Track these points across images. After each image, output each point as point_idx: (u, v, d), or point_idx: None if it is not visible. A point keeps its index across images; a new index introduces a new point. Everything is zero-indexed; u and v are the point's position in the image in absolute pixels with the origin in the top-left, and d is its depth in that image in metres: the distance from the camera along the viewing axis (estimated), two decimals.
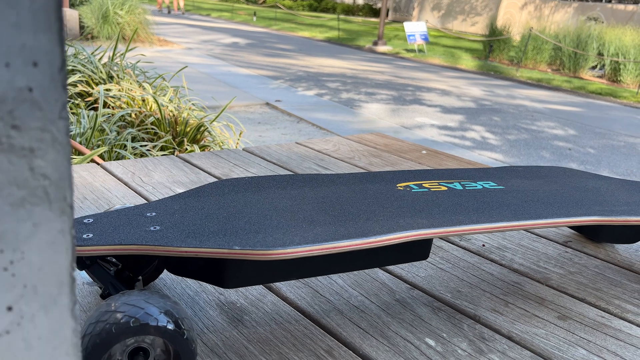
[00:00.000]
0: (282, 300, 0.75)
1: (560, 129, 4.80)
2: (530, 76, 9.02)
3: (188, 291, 0.74)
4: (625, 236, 0.87)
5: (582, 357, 0.68)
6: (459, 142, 3.91)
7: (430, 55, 10.90)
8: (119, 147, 1.57)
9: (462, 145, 3.79)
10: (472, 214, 0.69)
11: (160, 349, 0.52)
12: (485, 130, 4.39)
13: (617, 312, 0.80)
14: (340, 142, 1.67)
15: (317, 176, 0.80)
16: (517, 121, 4.95)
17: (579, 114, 5.81)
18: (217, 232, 0.58)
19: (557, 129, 4.75)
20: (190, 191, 0.71)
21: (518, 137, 4.25)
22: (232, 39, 10.20)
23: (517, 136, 4.29)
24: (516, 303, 0.80)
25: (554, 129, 4.77)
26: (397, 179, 0.82)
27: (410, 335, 0.69)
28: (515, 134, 4.38)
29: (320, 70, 7.17)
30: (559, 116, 5.49)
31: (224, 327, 0.67)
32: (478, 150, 3.71)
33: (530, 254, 0.97)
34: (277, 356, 0.63)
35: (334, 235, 0.59)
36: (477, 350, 0.67)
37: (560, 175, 0.94)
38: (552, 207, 0.75)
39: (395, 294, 0.79)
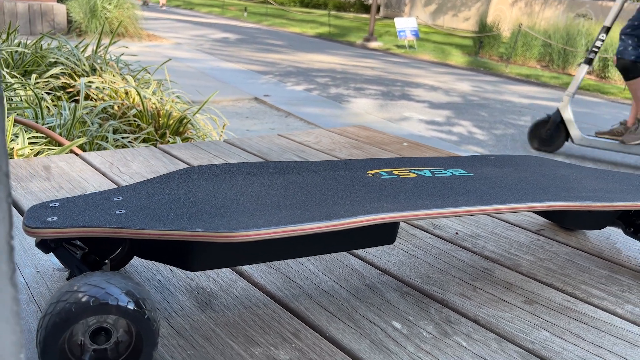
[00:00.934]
0: (252, 285, 0.75)
1: None
2: (519, 72, 9.07)
3: (159, 277, 0.75)
4: (591, 222, 0.88)
5: (545, 338, 0.69)
6: (445, 136, 3.93)
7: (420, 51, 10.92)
8: (100, 139, 1.56)
9: (448, 140, 3.81)
10: (438, 199, 0.70)
11: (123, 329, 0.53)
12: (472, 125, 4.42)
13: (583, 296, 0.81)
14: (322, 134, 1.68)
15: (288, 163, 0.81)
16: (504, 116, 4.98)
17: None
18: (182, 215, 0.59)
19: None
20: (159, 177, 0.71)
21: (505, 132, 4.28)
22: (222, 34, 10.16)
23: (504, 131, 4.32)
24: (484, 288, 0.81)
25: None
26: (367, 166, 0.83)
27: (377, 319, 0.70)
28: (502, 128, 4.41)
29: (310, 65, 7.17)
30: (546, 111, 5.53)
31: (192, 311, 0.68)
32: (464, 144, 3.73)
33: (502, 241, 0.98)
34: (244, 338, 0.63)
35: (298, 218, 0.60)
36: (442, 333, 0.68)
37: (531, 164, 0.95)
38: (518, 193, 0.76)
39: (366, 279, 0.80)
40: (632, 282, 0.86)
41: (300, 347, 0.63)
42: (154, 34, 8.58)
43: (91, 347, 0.52)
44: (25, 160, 1.16)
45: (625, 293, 0.83)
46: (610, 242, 1.02)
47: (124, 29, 7.52)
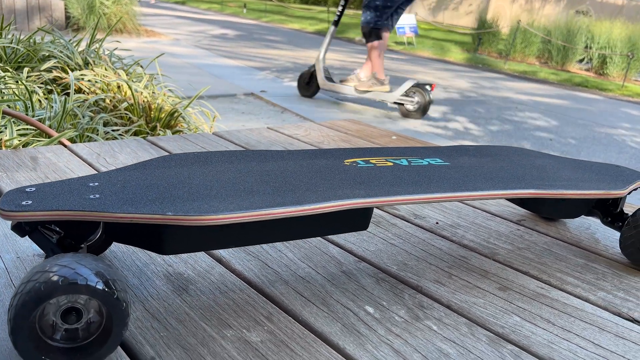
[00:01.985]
0: (229, 271, 0.77)
1: (543, 120, 4.85)
2: (517, 69, 9.07)
3: (137, 262, 0.76)
4: (567, 211, 0.90)
5: (515, 323, 0.71)
6: (441, 132, 3.94)
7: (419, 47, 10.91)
8: (91, 132, 1.57)
9: (444, 136, 3.82)
10: (410, 186, 0.71)
11: (95, 310, 0.54)
12: (468, 121, 4.42)
13: (557, 283, 0.82)
14: (312, 127, 1.69)
15: (267, 152, 0.82)
16: (500, 112, 4.99)
17: (563, 106, 5.86)
18: (155, 200, 0.60)
19: (540, 120, 4.79)
20: (137, 164, 0.72)
21: (501, 128, 4.28)
22: (221, 31, 10.16)
23: (500, 127, 4.32)
24: (460, 275, 0.82)
25: (537, 120, 4.81)
26: (345, 155, 0.84)
27: (351, 303, 0.71)
28: (498, 124, 4.42)
29: (308, 61, 7.16)
30: (543, 108, 5.54)
31: (168, 295, 0.69)
32: (459, 140, 3.74)
33: (482, 231, 0.99)
34: (217, 321, 0.65)
35: (269, 203, 0.61)
36: (414, 317, 0.70)
37: (509, 154, 0.96)
38: (491, 181, 0.77)
39: (343, 266, 0.81)
40: (607, 270, 0.88)
41: (272, 329, 0.64)
42: (153, 30, 8.57)
43: (62, 326, 0.53)
44: (13, 150, 1.17)
45: (600, 281, 0.84)
46: (589, 232, 1.03)
47: (122, 25, 7.51)
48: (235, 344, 0.61)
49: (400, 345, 0.64)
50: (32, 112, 1.46)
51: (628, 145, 4.18)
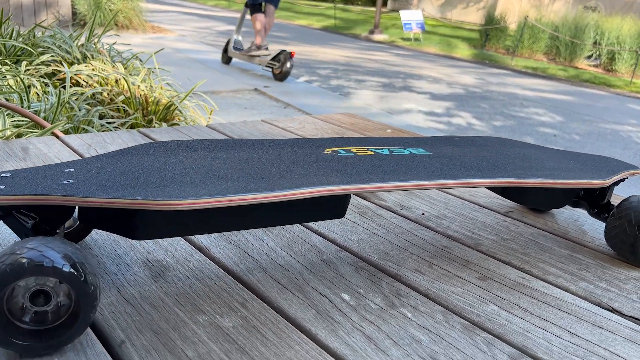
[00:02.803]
0: (208, 259, 0.77)
1: (548, 116, 4.82)
2: (525, 65, 9.01)
3: (118, 250, 0.77)
4: (551, 201, 0.89)
5: (492, 312, 0.71)
6: (444, 127, 3.93)
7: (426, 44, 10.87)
8: (86, 124, 1.58)
9: (446, 131, 3.81)
10: (387, 174, 0.71)
11: (64, 293, 0.54)
12: (472, 117, 4.41)
13: (539, 274, 0.82)
14: (307, 120, 1.69)
15: (248, 141, 0.82)
16: (505, 108, 4.96)
17: (569, 102, 5.82)
18: (127, 185, 0.60)
19: (544, 116, 4.77)
20: (116, 151, 0.73)
21: (504, 124, 4.26)
22: (227, 27, 10.17)
23: (503, 122, 4.30)
24: (440, 265, 0.82)
25: (541, 115, 4.78)
26: (327, 144, 0.84)
27: (327, 291, 0.72)
28: (502, 120, 4.40)
29: (313, 57, 7.16)
30: (549, 104, 5.50)
31: (144, 282, 0.69)
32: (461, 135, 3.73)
33: (467, 222, 0.99)
34: (191, 307, 0.65)
35: (241, 189, 0.61)
36: (390, 305, 0.70)
37: (495, 144, 0.96)
38: (471, 170, 0.77)
39: (323, 254, 0.81)
40: (591, 261, 0.87)
41: (245, 315, 0.64)
42: (159, 26, 8.60)
43: (32, 309, 0.54)
44: (5, 141, 1.18)
45: (583, 271, 0.84)
46: (577, 224, 1.02)
47: (128, 21, 7.55)
48: (206, 329, 0.61)
49: (372, 332, 0.64)
50: (27, 104, 1.47)
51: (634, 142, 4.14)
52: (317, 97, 4.52)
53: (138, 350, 0.56)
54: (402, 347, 0.62)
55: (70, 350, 0.55)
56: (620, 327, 0.69)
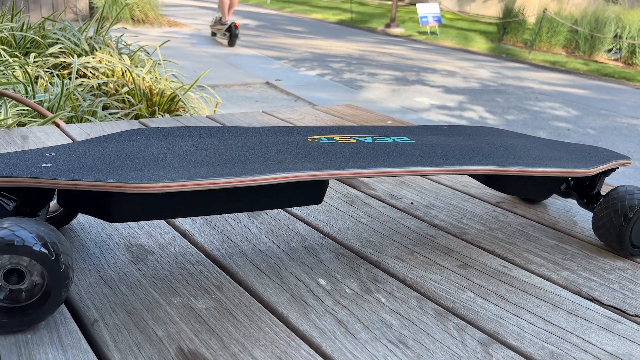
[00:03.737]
0: (191, 244, 0.78)
1: (563, 110, 4.75)
2: (542, 59, 8.89)
3: (103, 234, 0.79)
4: (533, 190, 0.88)
5: (468, 299, 0.71)
6: (455, 121, 3.90)
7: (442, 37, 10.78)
8: (90, 114, 1.61)
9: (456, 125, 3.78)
10: (364, 161, 0.72)
11: (38, 273, 0.56)
12: (485, 110, 4.36)
13: (521, 263, 0.82)
14: (307, 111, 1.69)
15: (231, 128, 0.83)
16: (519, 102, 4.90)
17: (586, 96, 5.73)
18: (102, 169, 0.62)
19: (559, 110, 4.70)
20: (99, 137, 0.74)
21: (517, 117, 4.22)
22: (243, 21, 10.20)
23: (517, 116, 4.25)
24: (422, 252, 0.82)
25: (556, 110, 4.72)
26: (311, 132, 0.85)
27: (304, 276, 0.72)
28: (515, 114, 4.35)
29: (327, 51, 7.15)
30: (565, 98, 5.42)
31: (124, 264, 0.71)
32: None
33: (456, 211, 0.99)
34: (167, 289, 0.66)
35: (213, 174, 0.62)
36: (365, 290, 0.70)
37: (482, 134, 0.95)
38: (451, 157, 0.77)
39: (306, 241, 0.82)
40: (577, 252, 0.87)
41: (219, 298, 0.66)
42: (175, 20, 8.66)
43: (6, 287, 0.55)
44: (6, 130, 1.21)
45: (567, 261, 0.83)
46: (569, 215, 1.02)
47: (144, 15, 7.61)
48: (179, 310, 0.62)
49: (344, 316, 0.64)
50: (32, 94, 1.50)
51: None
52: (328, 90, 4.52)
53: (109, 328, 0.58)
54: (371, 330, 0.62)
55: (44, 327, 0.57)
56: (597, 316, 0.69)
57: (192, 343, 0.57)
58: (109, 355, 0.54)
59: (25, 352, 0.53)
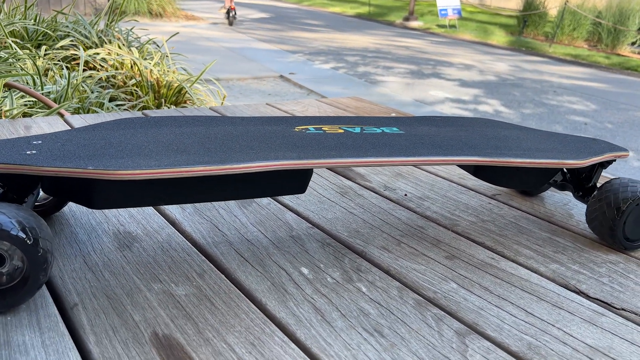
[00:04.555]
0: (178, 232, 0.79)
1: (581, 104, 4.67)
2: (564, 52, 8.74)
3: (92, 221, 0.80)
4: (523, 181, 0.87)
5: (451, 289, 0.70)
6: (469, 114, 3.86)
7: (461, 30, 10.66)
8: (97, 106, 1.63)
9: None
10: (348, 150, 0.72)
11: (18, 257, 0.57)
12: (500, 104, 4.31)
13: (510, 255, 0.81)
14: (311, 103, 1.69)
15: (221, 118, 0.84)
16: (537, 96, 4.83)
17: (606, 90, 5.62)
18: (85, 156, 0.63)
19: (578, 104, 4.62)
20: (87, 126, 0.75)
21: (533, 111, 4.16)
22: (260, 15, 10.21)
23: (533, 110, 4.19)
24: (410, 243, 0.82)
25: (574, 104, 4.64)
26: (300, 122, 0.85)
27: (287, 265, 0.73)
28: (532, 108, 4.29)
29: (342, 44, 7.13)
30: (584, 92, 5.33)
31: (110, 251, 0.72)
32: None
33: (450, 204, 0.98)
34: (149, 276, 0.67)
35: (192, 162, 0.62)
36: (347, 279, 0.70)
37: (476, 125, 0.94)
38: (438, 148, 0.77)
39: (293, 231, 0.83)
40: (569, 244, 0.86)
41: (200, 285, 0.66)
42: (192, 14, 8.72)
43: None
44: (10, 120, 1.23)
45: (558, 254, 0.82)
46: (566, 207, 1.00)
47: (161, 9, 7.67)
48: (159, 296, 0.63)
49: (322, 304, 0.65)
50: (40, 86, 1.53)
51: None
52: (341, 83, 4.51)
53: (88, 312, 0.59)
54: (348, 319, 0.62)
55: (24, 310, 0.58)
56: (581, 309, 0.68)
57: (168, 328, 0.58)
58: (84, 338, 0.55)
59: (4, 334, 0.55)
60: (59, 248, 0.72)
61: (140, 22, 6.64)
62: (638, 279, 0.76)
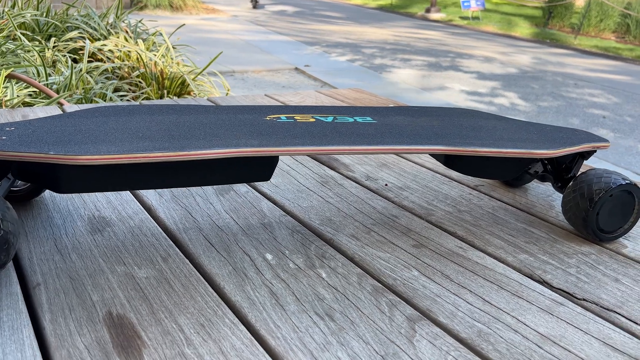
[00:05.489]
0: (152, 218, 0.81)
1: (602, 97, 4.57)
2: (589, 44, 8.54)
3: (70, 206, 0.83)
4: (493, 171, 0.86)
5: (411, 277, 0.71)
6: (484, 107, 3.81)
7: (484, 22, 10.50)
8: (100, 97, 1.67)
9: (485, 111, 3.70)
10: (311, 139, 0.72)
11: None
12: (517, 97, 4.24)
13: (480, 245, 0.81)
14: (309, 95, 1.70)
15: (194, 107, 0.85)
16: (556, 89, 4.74)
17: (630, 83, 5.48)
18: (51, 142, 0.65)
19: (598, 97, 4.52)
20: (63, 114, 0.78)
21: (551, 104, 4.08)
22: (281, 7, 10.23)
23: (551, 103, 4.12)
24: (380, 232, 0.82)
25: (595, 96, 4.54)
26: (272, 111, 0.86)
27: (253, 251, 0.74)
28: (550, 101, 4.21)
29: (361, 37, 7.09)
30: (607, 84, 5.20)
31: (82, 235, 0.75)
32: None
33: (429, 194, 0.98)
34: (115, 258, 0.70)
35: (151, 148, 0.64)
36: (309, 266, 0.72)
37: (454, 115, 0.94)
38: (406, 137, 0.77)
39: (266, 219, 0.84)
40: (543, 235, 0.85)
41: (162, 268, 0.68)
42: (213, 7, 8.78)
43: None
44: (9, 109, 1.27)
45: (530, 244, 0.82)
46: (549, 199, 1.00)
47: (182, 3, 7.75)
48: (120, 278, 0.65)
49: (279, 289, 0.66)
50: (45, 77, 1.57)
51: None
52: (356, 76, 4.50)
53: (49, 292, 0.62)
54: (302, 303, 0.63)
55: None
56: (541, 298, 0.68)
57: (123, 308, 0.60)
58: (40, 316, 0.58)
59: None
60: (32, 231, 0.74)
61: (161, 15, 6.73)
62: (607, 270, 0.76)
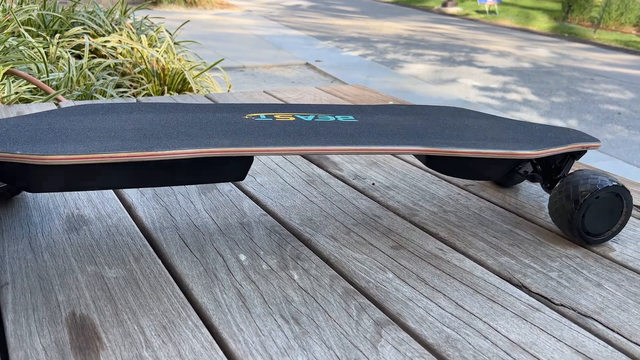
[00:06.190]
0: (130, 217, 0.81)
1: (618, 92, 4.47)
2: (609, 38, 8.37)
3: (50, 204, 0.83)
4: (476, 171, 0.84)
5: (385, 279, 0.70)
6: (495, 103, 3.76)
7: (501, 16, 10.36)
8: (101, 93, 1.68)
9: (496, 107, 3.64)
10: (284, 138, 0.71)
11: None
12: (531, 92, 4.18)
13: (461, 247, 0.79)
14: (308, 91, 1.69)
15: (174, 105, 0.85)
16: (571, 84, 4.66)
17: None
18: (22, 141, 0.65)
19: (614, 93, 4.43)
20: (41, 112, 0.78)
21: (565, 100, 4.01)
22: (295, 2, 10.21)
23: (565, 99, 4.05)
24: (360, 232, 0.81)
25: (611, 92, 4.45)
26: (252, 110, 0.85)
27: (227, 251, 0.74)
28: (564, 96, 4.14)
29: (375, 31, 7.05)
30: (624, 80, 5.10)
31: (57, 233, 0.75)
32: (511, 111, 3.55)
33: (416, 193, 0.97)
34: (87, 258, 0.70)
35: (122, 148, 0.64)
36: (281, 267, 0.71)
37: (439, 114, 0.92)
38: (384, 137, 0.76)
39: (245, 218, 0.83)
40: (529, 237, 0.83)
41: (132, 268, 0.68)
42: (227, 2, 8.79)
43: None
44: (5, 106, 1.28)
45: (513, 247, 0.80)
46: (539, 200, 0.97)
47: None
48: (89, 278, 0.65)
49: (248, 291, 0.65)
50: (45, 73, 1.58)
51: None
52: (367, 71, 4.47)
53: (16, 292, 0.62)
54: (269, 306, 0.63)
55: None
56: (517, 303, 0.66)
57: (87, 309, 0.60)
58: (4, 315, 0.58)
59: None
60: (9, 229, 0.75)
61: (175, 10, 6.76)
62: (590, 275, 0.74)
